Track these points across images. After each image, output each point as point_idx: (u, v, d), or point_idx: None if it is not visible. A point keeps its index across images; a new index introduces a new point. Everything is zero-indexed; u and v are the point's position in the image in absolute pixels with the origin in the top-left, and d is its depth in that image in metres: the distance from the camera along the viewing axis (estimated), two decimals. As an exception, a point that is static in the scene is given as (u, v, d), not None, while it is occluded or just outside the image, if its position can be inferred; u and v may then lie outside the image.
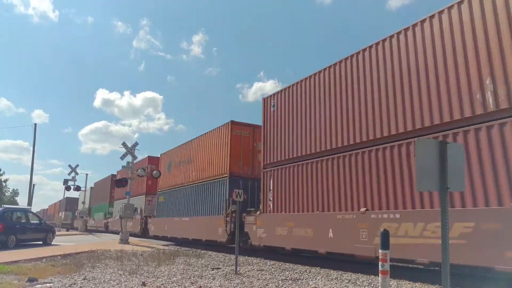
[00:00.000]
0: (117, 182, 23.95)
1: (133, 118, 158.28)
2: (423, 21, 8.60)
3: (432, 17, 8.41)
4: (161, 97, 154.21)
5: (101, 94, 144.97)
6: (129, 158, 22.53)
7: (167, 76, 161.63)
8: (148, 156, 26.53)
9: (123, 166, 23.03)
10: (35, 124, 37.73)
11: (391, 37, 9.31)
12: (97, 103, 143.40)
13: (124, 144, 22.51)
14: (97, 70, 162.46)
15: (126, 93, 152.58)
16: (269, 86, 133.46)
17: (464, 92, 7.58)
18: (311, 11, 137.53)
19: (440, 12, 8.23)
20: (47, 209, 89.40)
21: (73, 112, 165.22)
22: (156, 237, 23.19)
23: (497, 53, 7.13)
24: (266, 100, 14.12)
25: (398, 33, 9.14)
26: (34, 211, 27.67)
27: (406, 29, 8.96)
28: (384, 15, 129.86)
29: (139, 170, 22.50)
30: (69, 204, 57.03)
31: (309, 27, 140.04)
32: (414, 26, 8.77)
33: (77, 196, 51.38)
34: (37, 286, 7.13)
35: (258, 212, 13.57)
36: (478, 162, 7.13)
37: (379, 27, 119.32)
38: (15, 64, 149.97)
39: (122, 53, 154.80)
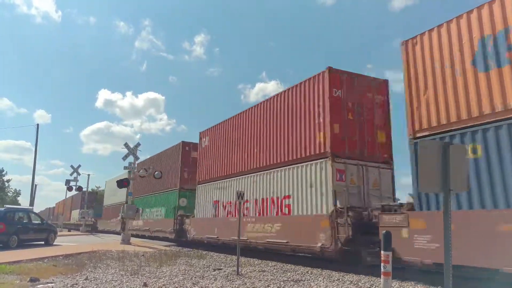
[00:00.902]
0: (118, 183, 23.87)
1: (135, 119, 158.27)
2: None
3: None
4: (163, 97, 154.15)
5: (103, 95, 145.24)
6: (131, 158, 22.56)
7: (169, 76, 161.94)
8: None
9: (124, 168, 22.97)
10: (38, 124, 37.84)
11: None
12: (99, 103, 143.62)
13: (126, 145, 22.55)
14: (99, 70, 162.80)
15: (128, 93, 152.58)
16: (271, 87, 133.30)
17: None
18: (313, 11, 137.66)
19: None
20: (53, 207, 77.01)
21: (75, 112, 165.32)
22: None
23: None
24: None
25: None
26: (37, 211, 27.65)
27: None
28: (387, 16, 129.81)
29: (141, 171, 22.52)
30: (87, 199, 45.62)
31: (311, 28, 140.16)
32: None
33: (98, 189, 39.06)
34: (39, 286, 7.14)
35: None
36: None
37: (382, 28, 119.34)
38: (17, 64, 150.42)
39: (124, 54, 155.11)
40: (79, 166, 37.27)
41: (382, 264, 4.89)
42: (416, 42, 9.07)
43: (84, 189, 41.94)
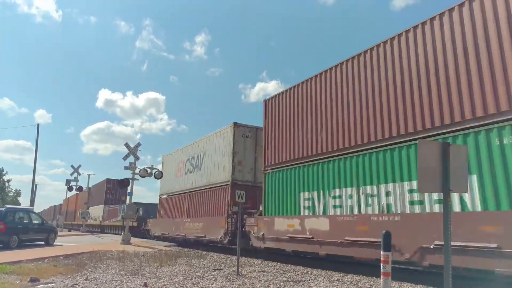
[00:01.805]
0: (120, 182, 23.83)
1: (136, 119, 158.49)
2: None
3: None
4: (164, 97, 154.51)
5: (104, 95, 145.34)
6: (131, 158, 22.56)
7: (170, 76, 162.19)
8: None
9: (125, 168, 22.91)
10: (38, 124, 37.84)
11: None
12: (99, 103, 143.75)
13: (126, 145, 22.56)
14: (99, 70, 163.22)
15: (129, 93, 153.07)
16: (272, 87, 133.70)
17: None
18: (314, 11, 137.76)
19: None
20: (60, 205, 66.37)
21: (76, 112, 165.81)
22: None
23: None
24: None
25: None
26: (40, 211, 27.44)
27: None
28: (388, 15, 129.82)
29: (141, 171, 22.52)
30: (113, 191, 34.23)
31: (312, 27, 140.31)
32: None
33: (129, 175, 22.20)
34: (39, 286, 7.14)
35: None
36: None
37: (383, 27, 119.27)
38: (17, 63, 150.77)
39: (125, 53, 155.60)
40: (80, 166, 37.40)
41: (381, 264, 4.88)
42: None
43: (85, 189, 41.89)
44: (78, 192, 43.46)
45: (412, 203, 8.26)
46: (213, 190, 16.92)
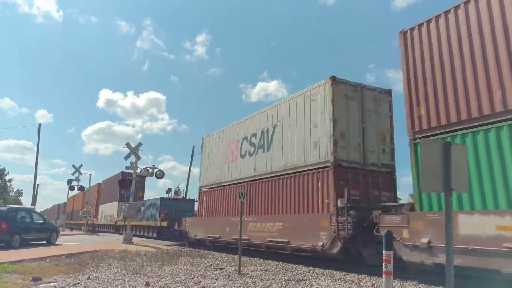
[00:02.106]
0: (120, 182, 23.88)
1: (137, 119, 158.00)
2: None
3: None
4: (165, 97, 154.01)
5: (105, 94, 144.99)
6: (132, 158, 22.58)
7: (171, 76, 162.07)
8: None
9: (126, 167, 22.92)
10: (39, 124, 37.92)
11: None
12: (100, 103, 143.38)
13: (127, 145, 22.59)
14: (100, 70, 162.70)
15: (130, 93, 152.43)
16: (273, 86, 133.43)
17: None
18: (314, 11, 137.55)
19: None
20: (64, 204, 63.59)
21: (77, 112, 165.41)
22: None
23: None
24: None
25: None
26: (42, 210, 27.39)
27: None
28: (389, 15, 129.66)
29: (142, 170, 22.55)
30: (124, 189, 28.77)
31: (312, 27, 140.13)
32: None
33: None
34: (41, 285, 7.16)
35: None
36: None
37: (383, 28, 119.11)
38: (18, 63, 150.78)
39: (126, 53, 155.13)
40: (81, 165, 37.43)
41: (383, 263, 4.90)
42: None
43: (87, 189, 41.91)
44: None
45: None
46: (297, 177, 12.18)
